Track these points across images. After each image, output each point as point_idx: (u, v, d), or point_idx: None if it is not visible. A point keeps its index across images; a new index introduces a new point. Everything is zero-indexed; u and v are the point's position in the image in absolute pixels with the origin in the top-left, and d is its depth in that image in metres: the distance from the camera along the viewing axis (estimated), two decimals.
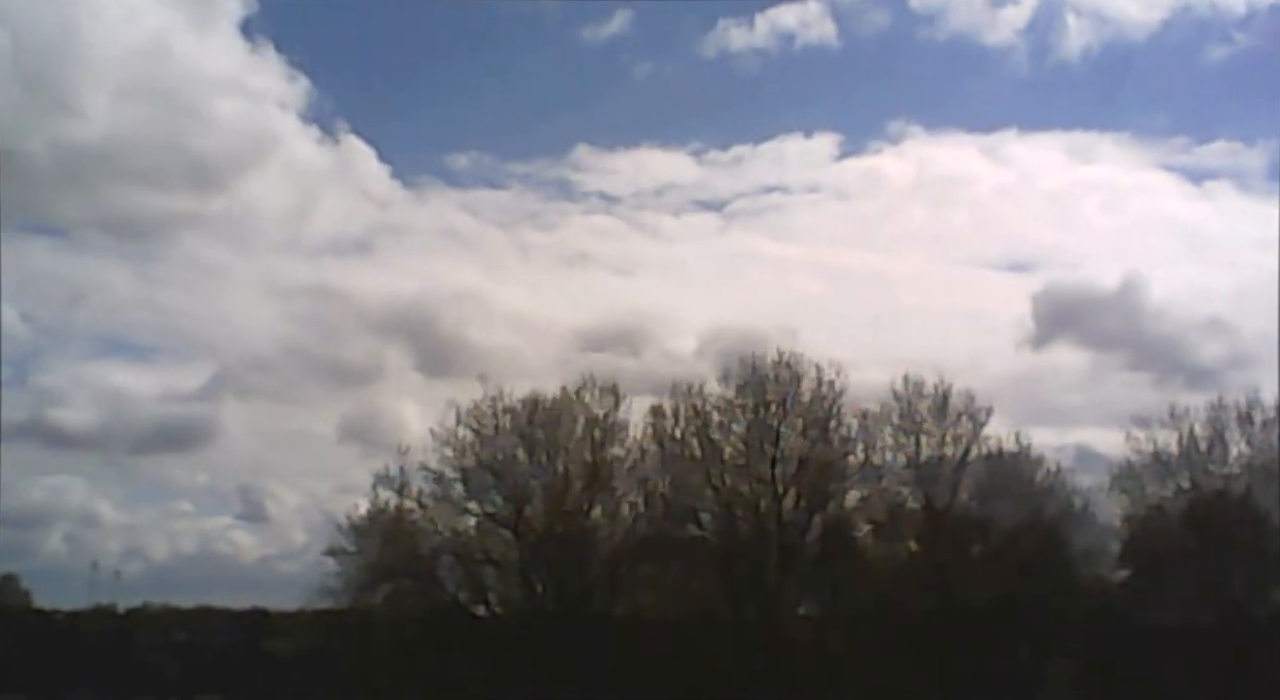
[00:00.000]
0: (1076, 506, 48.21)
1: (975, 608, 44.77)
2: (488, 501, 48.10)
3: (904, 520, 48.47)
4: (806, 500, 47.66)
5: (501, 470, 47.75)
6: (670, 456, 48.21)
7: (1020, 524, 47.94)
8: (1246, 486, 47.01)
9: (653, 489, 48.19)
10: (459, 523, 48.53)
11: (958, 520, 47.93)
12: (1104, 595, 47.49)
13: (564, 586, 47.38)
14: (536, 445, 47.76)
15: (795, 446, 47.61)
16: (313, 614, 53.10)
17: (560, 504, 47.59)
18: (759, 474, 47.49)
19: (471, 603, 48.68)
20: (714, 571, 47.78)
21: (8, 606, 76.23)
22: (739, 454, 47.97)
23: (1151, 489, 48.40)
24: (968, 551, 48.37)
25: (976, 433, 47.94)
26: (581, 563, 47.80)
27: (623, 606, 48.74)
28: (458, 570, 48.25)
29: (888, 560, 48.49)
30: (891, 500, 48.43)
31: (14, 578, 79.50)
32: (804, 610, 50.12)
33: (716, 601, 47.40)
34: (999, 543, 48.23)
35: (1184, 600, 45.30)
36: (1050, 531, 47.92)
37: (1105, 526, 48.32)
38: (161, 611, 79.32)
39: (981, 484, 47.91)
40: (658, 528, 48.27)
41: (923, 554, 47.88)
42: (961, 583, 46.08)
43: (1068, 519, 48.06)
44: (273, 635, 67.44)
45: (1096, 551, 48.24)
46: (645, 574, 48.40)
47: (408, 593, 47.94)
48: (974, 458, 47.83)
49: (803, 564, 47.92)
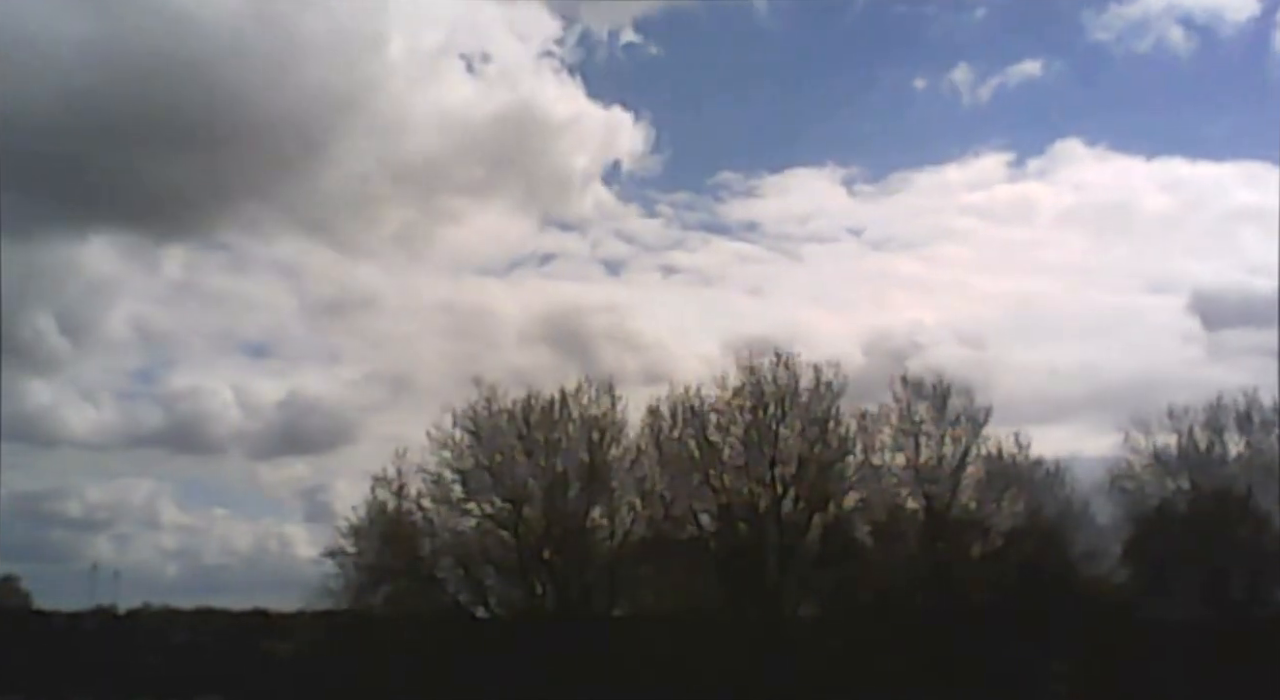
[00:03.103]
0: (1076, 506, 48.22)
1: (975, 608, 44.76)
2: (487, 502, 48.11)
3: (904, 521, 48.48)
4: (806, 501, 47.60)
5: (500, 471, 47.71)
6: (669, 457, 48.09)
7: (1020, 524, 47.99)
8: (1246, 487, 47.05)
9: (651, 489, 48.09)
10: (458, 524, 48.59)
11: (958, 520, 47.91)
12: (1104, 595, 47.39)
13: (564, 587, 47.39)
14: (535, 446, 47.71)
15: (794, 447, 47.52)
16: (313, 615, 53.15)
17: (559, 505, 47.58)
18: (758, 474, 47.43)
19: (471, 603, 48.67)
20: (713, 572, 47.72)
21: (8, 606, 76.24)
22: (738, 454, 47.88)
23: (1151, 489, 48.50)
24: (968, 551, 48.38)
25: (976, 433, 47.94)
26: (581, 563, 47.83)
27: (623, 606, 48.83)
28: (457, 571, 48.31)
29: (887, 561, 48.39)
30: (891, 501, 48.42)
31: (14, 578, 79.65)
32: (803, 610, 49.99)
33: (716, 602, 47.31)
34: (999, 543, 48.31)
35: (1184, 600, 45.32)
36: (1050, 531, 47.94)
37: (1105, 526, 48.33)
38: (161, 612, 79.26)
39: (981, 484, 47.88)
40: (657, 528, 48.22)
41: (923, 554, 47.83)
42: (961, 583, 46.07)
43: (1068, 519, 48.03)
44: (273, 635, 67.36)
45: (1096, 551, 48.22)
46: (645, 574, 48.43)
47: (407, 594, 47.94)
48: (974, 458, 47.82)
49: (802, 564, 47.89)
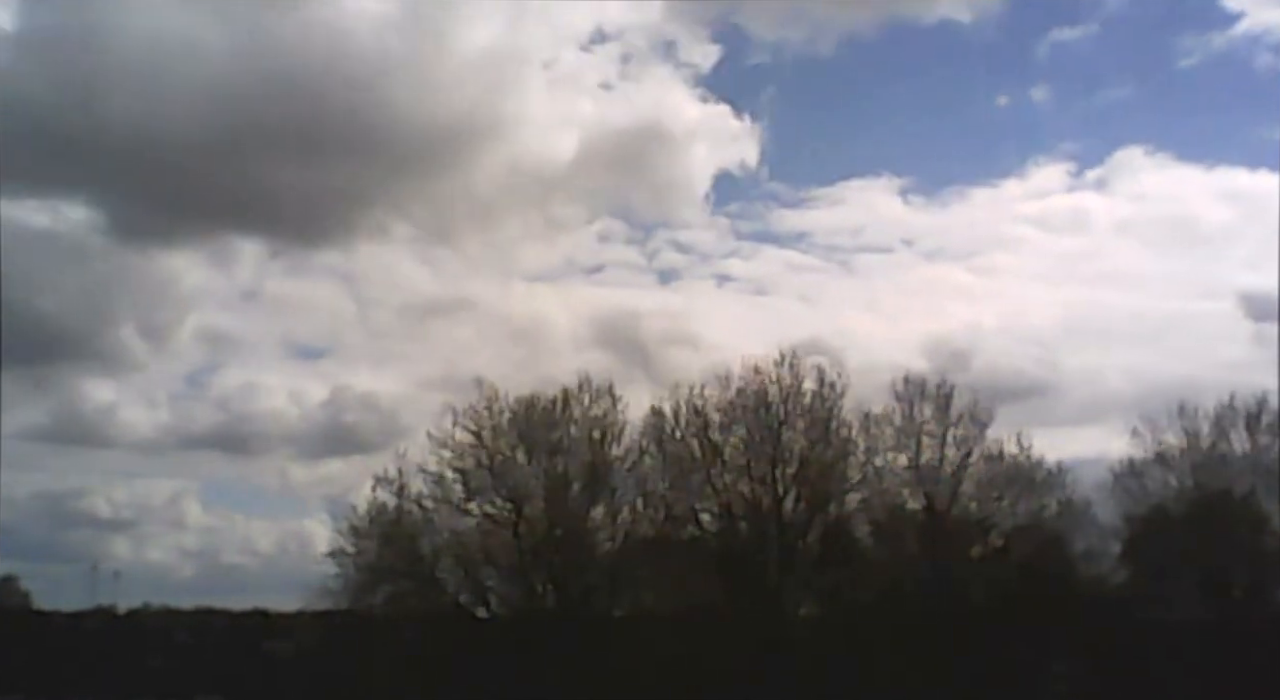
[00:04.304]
0: (1077, 506, 48.21)
1: (975, 608, 44.76)
2: (487, 502, 48.05)
3: (905, 521, 48.46)
4: (807, 501, 47.61)
5: (501, 471, 47.64)
6: (670, 457, 48.12)
7: (1020, 524, 47.97)
8: (1250, 487, 47.01)
9: (653, 490, 48.16)
10: (459, 523, 48.48)
11: (958, 521, 47.90)
12: (1104, 595, 47.41)
13: (564, 587, 47.33)
14: (536, 446, 47.67)
15: (796, 447, 47.57)
16: (313, 614, 53.23)
17: (560, 505, 47.52)
18: (759, 475, 47.47)
19: (471, 604, 48.60)
20: (714, 572, 47.56)
21: (8, 607, 76.20)
22: (739, 455, 47.94)
23: (1153, 488, 48.49)
24: (968, 551, 48.36)
25: (979, 434, 47.94)
26: (581, 563, 47.77)
27: (623, 607, 48.78)
28: (458, 571, 48.21)
29: (888, 561, 48.40)
30: (892, 501, 48.42)
31: (14, 578, 79.54)
32: (804, 611, 50.10)
33: (716, 602, 47.24)
34: (999, 543, 48.30)
35: (1184, 600, 45.31)
36: (1050, 531, 47.93)
37: (1106, 526, 48.34)
38: (162, 612, 79.36)
39: (983, 485, 47.86)
40: (658, 528, 48.27)
41: (923, 554, 47.81)
42: (961, 583, 46.06)
43: (1068, 519, 48.03)
44: (273, 635, 67.42)
45: (1097, 551, 48.26)
46: (645, 574, 48.22)
47: (408, 594, 47.84)
48: (975, 459, 47.80)
49: (803, 565, 47.96)
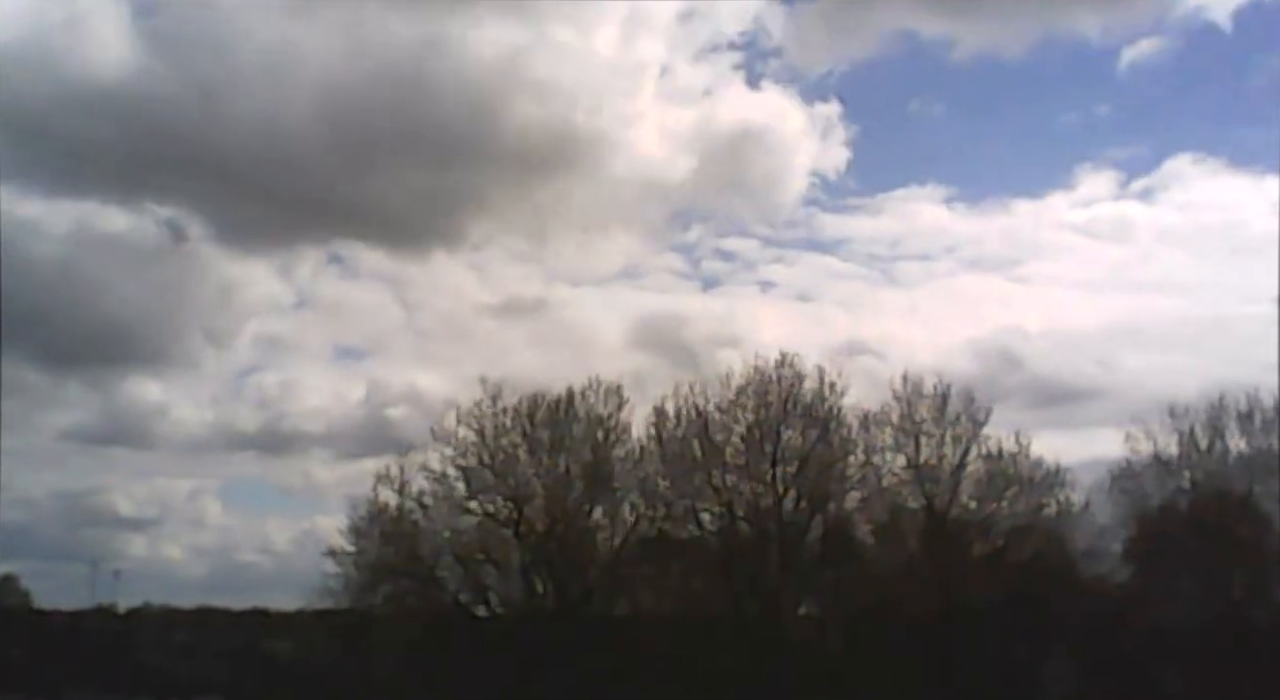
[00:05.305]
0: (1076, 506, 48.29)
1: (975, 608, 44.76)
2: (488, 501, 48.11)
3: (904, 521, 48.50)
4: (807, 501, 47.66)
5: (502, 470, 47.72)
6: (671, 457, 48.16)
7: (1019, 524, 48.01)
8: (1247, 487, 47.06)
9: (654, 489, 48.18)
10: (459, 522, 48.53)
11: (958, 520, 47.94)
12: (1104, 595, 47.41)
13: (565, 586, 47.38)
14: (538, 445, 47.77)
15: (796, 447, 47.61)
16: (313, 614, 53.10)
17: (561, 504, 47.59)
18: (759, 474, 47.48)
19: (472, 603, 48.62)
20: (714, 572, 47.75)
21: (8, 606, 76.20)
22: (740, 454, 47.96)
23: (1152, 489, 48.49)
24: (968, 551, 48.37)
25: (976, 433, 47.99)
26: (582, 563, 47.85)
27: (623, 606, 48.76)
28: (458, 570, 48.24)
29: (888, 561, 48.47)
30: (892, 501, 48.45)
31: (14, 578, 79.62)
32: (804, 610, 50.16)
33: (717, 602, 47.37)
34: (999, 543, 48.33)
35: (1184, 600, 45.31)
36: (1050, 531, 47.97)
37: (1106, 526, 48.37)
38: (162, 611, 79.44)
39: (982, 484, 47.92)
40: (658, 528, 48.31)
41: (923, 554, 47.85)
42: (961, 583, 46.06)
43: (1068, 519, 48.09)
44: (273, 635, 67.42)
45: (1096, 551, 48.25)
46: (645, 574, 48.38)
47: (408, 593, 47.93)
48: (974, 458, 47.87)
49: (803, 564, 47.95)
